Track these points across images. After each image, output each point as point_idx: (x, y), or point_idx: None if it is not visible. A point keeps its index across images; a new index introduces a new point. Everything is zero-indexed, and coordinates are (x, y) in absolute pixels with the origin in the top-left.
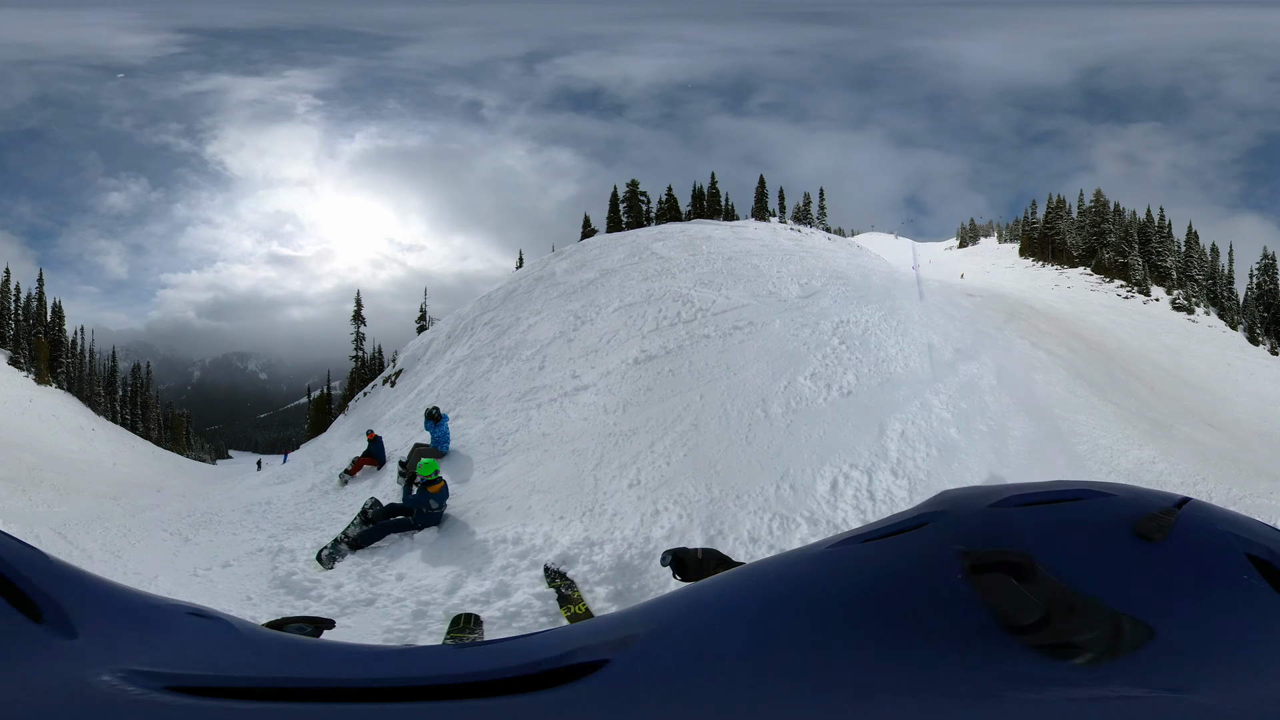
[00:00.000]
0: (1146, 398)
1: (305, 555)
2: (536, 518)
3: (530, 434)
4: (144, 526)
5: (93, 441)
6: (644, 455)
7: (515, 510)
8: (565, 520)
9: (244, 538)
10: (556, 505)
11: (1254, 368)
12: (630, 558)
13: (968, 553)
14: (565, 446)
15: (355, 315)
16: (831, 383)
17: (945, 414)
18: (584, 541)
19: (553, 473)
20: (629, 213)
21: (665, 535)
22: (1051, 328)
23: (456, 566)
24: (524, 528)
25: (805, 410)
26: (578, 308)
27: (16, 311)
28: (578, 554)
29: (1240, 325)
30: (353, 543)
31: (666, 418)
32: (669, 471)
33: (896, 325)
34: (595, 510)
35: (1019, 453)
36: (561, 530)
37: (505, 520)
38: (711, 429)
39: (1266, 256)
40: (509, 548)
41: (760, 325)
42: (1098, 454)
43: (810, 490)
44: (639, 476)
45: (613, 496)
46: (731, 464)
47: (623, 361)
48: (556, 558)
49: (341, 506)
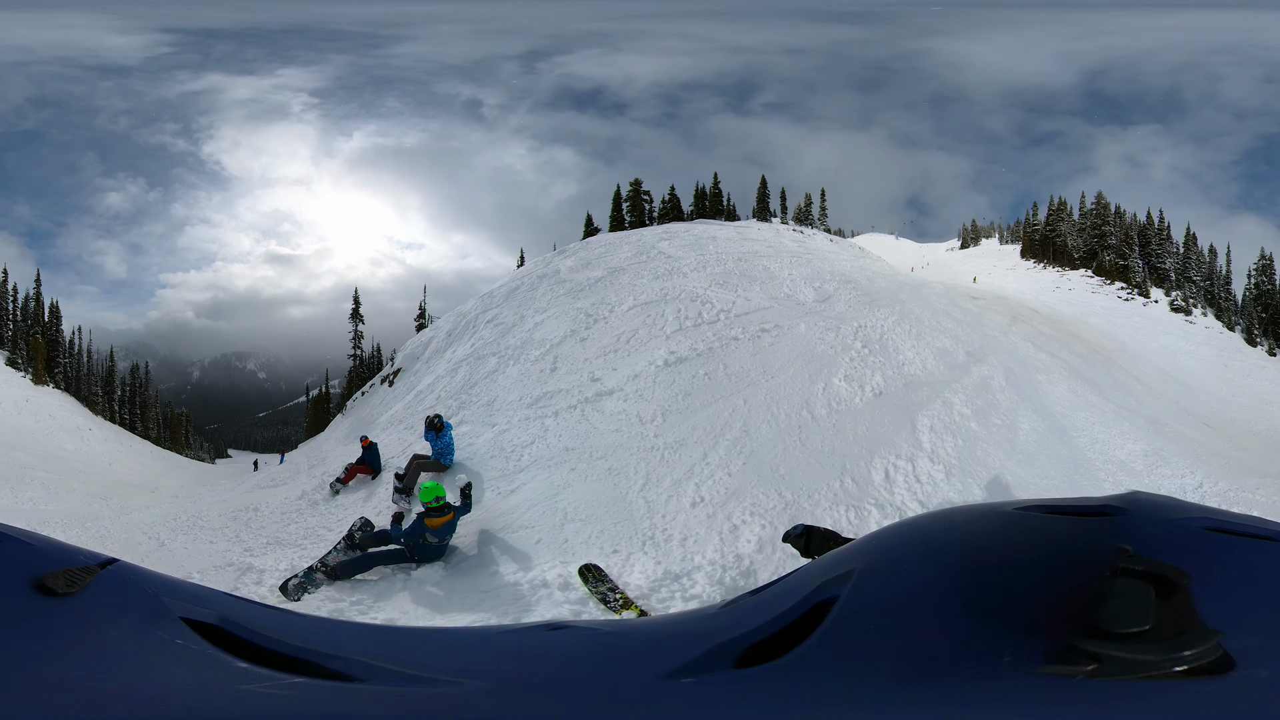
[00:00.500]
0: (1144, 397)
1: (273, 579)
2: (578, 553)
3: (549, 447)
4: (125, 529)
5: (89, 441)
6: (699, 468)
7: (546, 544)
8: (622, 554)
9: (219, 548)
10: (604, 537)
11: (1251, 368)
12: (733, 579)
13: (1128, 554)
14: (598, 464)
15: (353, 313)
16: (864, 384)
17: (965, 410)
18: (665, 577)
19: (588, 497)
20: (632, 212)
21: (756, 549)
22: (1054, 330)
23: (472, 616)
24: (566, 566)
25: (846, 410)
26: (587, 305)
27: (14, 312)
28: (669, 594)
29: (1238, 326)
30: (332, 572)
31: (714, 425)
32: (732, 483)
33: (909, 330)
34: (658, 538)
35: (1028, 443)
36: (622, 566)
37: (537, 555)
38: (764, 434)
39: (1264, 256)
40: (553, 594)
41: (786, 328)
42: (1095, 446)
43: (869, 481)
44: (700, 493)
45: (675, 519)
46: (793, 466)
47: (650, 364)
48: (640, 601)
49: (329, 521)
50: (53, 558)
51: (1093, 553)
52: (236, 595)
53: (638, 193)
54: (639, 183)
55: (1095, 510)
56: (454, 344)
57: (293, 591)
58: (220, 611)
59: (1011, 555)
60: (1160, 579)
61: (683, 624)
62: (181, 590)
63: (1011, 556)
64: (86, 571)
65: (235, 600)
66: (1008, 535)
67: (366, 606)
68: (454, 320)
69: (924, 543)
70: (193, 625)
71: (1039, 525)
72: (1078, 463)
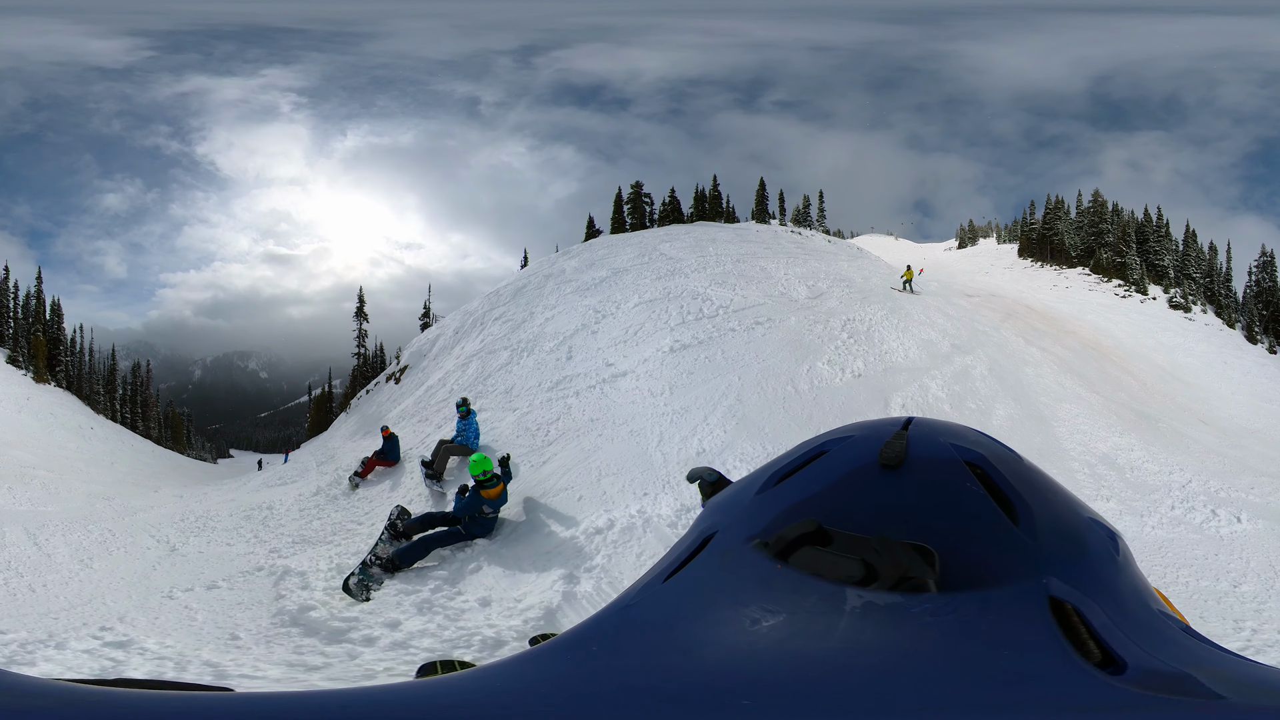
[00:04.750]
0: (1137, 392)
1: (322, 581)
2: (617, 500)
3: (575, 420)
4: (130, 530)
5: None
6: (701, 428)
7: (589, 499)
8: (651, 495)
9: (240, 550)
10: (635, 485)
11: (1250, 366)
12: None
13: (764, 543)
14: (621, 429)
15: (358, 312)
16: (845, 367)
17: (940, 394)
18: (682, 509)
19: (616, 455)
20: (633, 214)
21: None
22: (1047, 326)
23: (549, 573)
24: (609, 512)
25: (826, 388)
26: (595, 303)
27: (15, 310)
28: (689, 520)
29: (1238, 323)
30: (387, 564)
31: (713, 396)
32: (727, 438)
33: (898, 323)
34: (673, 482)
35: (1001, 429)
36: (654, 505)
37: (582, 510)
38: (754, 403)
39: (1265, 254)
40: (607, 535)
41: (778, 321)
42: (1076, 437)
43: None
44: (703, 445)
45: (685, 467)
46: (776, 427)
47: (658, 350)
48: (668, 528)
49: (355, 515)
50: None
51: (742, 566)
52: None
53: (638, 195)
54: (639, 185)
55: (693, 547)
56: (462, 340)
57: (357, 590)
58: None
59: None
60: (810, 536)
61: None
62: None
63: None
64: None
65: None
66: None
67: (451, 591)
68: (461, 318)
69: None
70: None
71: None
72: (1049, 450)
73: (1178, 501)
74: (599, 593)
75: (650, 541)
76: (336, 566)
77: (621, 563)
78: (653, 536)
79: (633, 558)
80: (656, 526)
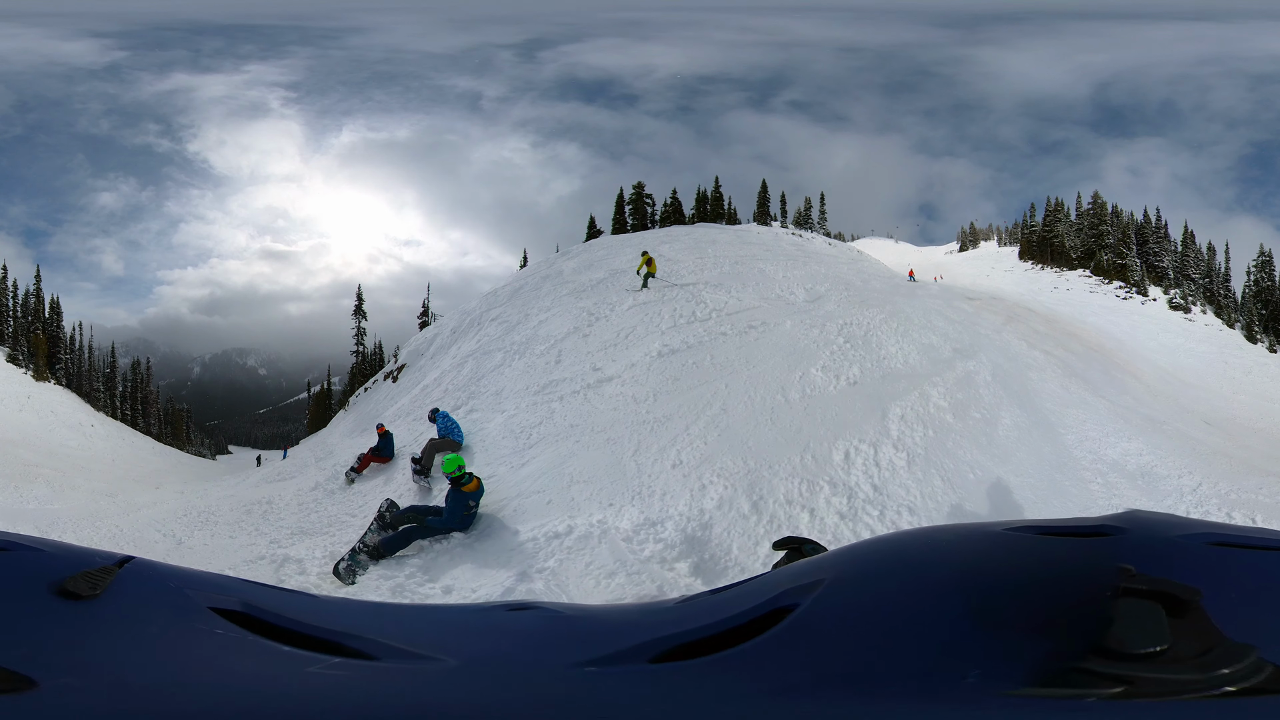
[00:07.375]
0: (1141, 395)
1: (317, 566)
2: (584, 508)
3: (556, 426)
4: (137, 526)
5: (92, 438)
6: (681, 438)
7: (557, 504)
8: (616, 506)
9: (243, 541)
10: (602, 494)
11: (1251, 365)
12: (692, 530)
13: (1131, 574)
14: (598, 436)
15: (356, 310)
16: (840, 374)
17: (942, 402)
18: (644, 523)
19: (590, 462)
20: (634, 214)
21: (717, 505)
22: (1049, 329)
23: (507, 570)
24: (572, 519)
25: (818, 396)
26: (590, 305)
27: (14, 308)
28: (646, 535)
29: (1238, 323)
30: (373, 552)
31: (697, 404)
32: (706, 450)
33: (897, 328)
34: (644, 493)
35: (1007, 439)
36: (616, 516)
37: (548, 515)
38: (739, 412)
39: (1263, 253)
40: (564, 541)
41: (773, 325)
42: (1084, 444)
43: (828, 460)
44: (680, 457)
45: (658, 478)
46: (761, 441)
47: (646, 355)
48: (623, 541)
49: (350, 508)
50: (67, 561)
51: (1091, 573)
52: (247, 580)
53: (640, 196)
54: (641, 186)
55: (1091, 530)
56: (459, 340)
57: (345, 574)
58: (241, 598)
59: (998, 574)
60: (1169, 596)
61: (632, 614)
62: (200, 581)
63: (998, 576)
64: (105, 572)
65: (250, 585)
66: (994, 554)
67: (423, 579)
68: (458, 318)
69: (901, 559)
70: (221, 614)
71: (1030, 545)
72: (1061, 461)
73: (1191, 505)
74: (547, 591)
75: (601, 554)
76: (330, 554)
77: (571, 568)
78: (605, 549)
79: (581, 566)
80: (612, 539)
